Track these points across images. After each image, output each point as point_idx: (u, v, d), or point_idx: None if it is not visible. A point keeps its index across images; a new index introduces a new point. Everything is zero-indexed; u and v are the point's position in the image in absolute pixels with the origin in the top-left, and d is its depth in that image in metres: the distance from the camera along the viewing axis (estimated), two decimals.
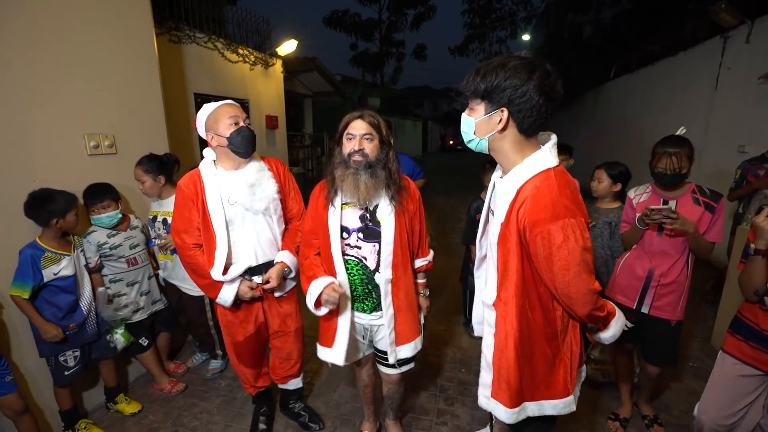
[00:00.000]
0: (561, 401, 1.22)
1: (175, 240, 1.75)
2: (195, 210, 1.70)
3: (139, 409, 2.29)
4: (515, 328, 1.13)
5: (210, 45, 4.57)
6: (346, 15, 15.83)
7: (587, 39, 12.18)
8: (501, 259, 1.13)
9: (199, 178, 1.70)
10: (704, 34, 5.20)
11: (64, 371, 1.98)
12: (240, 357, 1.96)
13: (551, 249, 1.01)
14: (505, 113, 1.05)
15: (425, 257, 1.79)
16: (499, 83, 1.02)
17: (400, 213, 1.57)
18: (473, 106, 1.11)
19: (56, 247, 1.93)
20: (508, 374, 1.17)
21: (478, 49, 17.60)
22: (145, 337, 2.37)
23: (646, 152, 1.92)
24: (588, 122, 10.26)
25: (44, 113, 2.00)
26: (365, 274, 1.60)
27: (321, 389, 2.49)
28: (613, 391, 2.34)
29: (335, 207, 1.55)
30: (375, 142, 1.50)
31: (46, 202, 1.85)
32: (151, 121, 2.63)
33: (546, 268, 1.04)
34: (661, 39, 6.76)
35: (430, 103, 40.36)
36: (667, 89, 6.07)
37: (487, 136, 1.10)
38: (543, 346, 1.18)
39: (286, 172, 1.91)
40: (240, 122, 1.67)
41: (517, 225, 1.06)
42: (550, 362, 1.20)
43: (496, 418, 1.31)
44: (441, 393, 2.44)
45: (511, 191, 1.08)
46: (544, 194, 1.02)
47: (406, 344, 1.68)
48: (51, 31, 2.01)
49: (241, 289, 1.76)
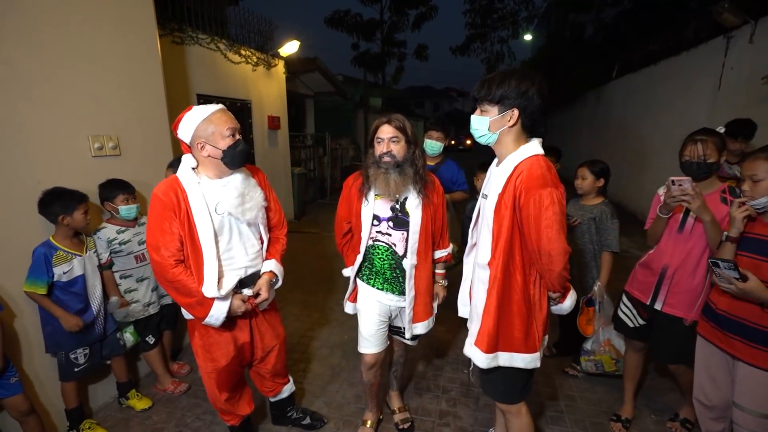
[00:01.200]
0: (530, 355, 1.44)
1: (153, 257, 1.53)
2: (177, 221, 1.53)
3: (150, 405, 2.33)
4: (500, 282, 1.37)
5: (213, 46, 4.59)
6: (348, 15, 15.82)
7: (589, 39, 12.18)
8: (496, 224, 1.38)
9: (180, 186, 1.54)
10: (707, 34, 5.19)
11: (74, 367, 2.03)
12: (221, 385, 1.77)
13: (540, 209, 1.26)
14: (516, 112, 1.33)
15: (445, 248, 1.95)
16: (511, 89, 1.31)
17: (427, 205, 1.76)
18: (486, 108, 1.38)
19: (68, 246, 1.97)
20: (488, 323, 1.41)
21: (480, 49, 17.58)
22: (152, 335, 2.39)
23: (647, 152, 1.92)
24: (589, 122, 10.25)
25: (49, 115, 2.01)
26: (394, 260, 1.81)
27: (323, 390, 2.49)
28: (612, 390, 2.35)
29: (368, 201, 1.77)
30: (402, 143, 1.69)
31: (55, 199, 1.89)
32: (155, 122, 2.63)
33: (534, 226, 1.28)
34: (664, 39, 6.75)
35: (431, 103, 40.36)
36: (669, 89, 6.05)
37: (499, 131, 1.38)
38: (521, 305, 1.40)
39: (266, 180, 1.83)
40: (237, 134, 1.56)
41: (514, 191, 1.31)
42: (525, 320, 1.41)
43: (474, 372, 1.59)
44: (443, 394, 2.44)
45: (508, 168, 1.36)
46: (536, 169, 1.31)
47: (421, 323, 1.89)
48: (55, 34, 2.02)
49: (235, 304, 1.62)
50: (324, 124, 10.11)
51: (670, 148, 5.89)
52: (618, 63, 8.58)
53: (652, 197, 1.99)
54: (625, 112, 7.82)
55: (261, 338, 1.85)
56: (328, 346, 3.00)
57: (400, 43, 17.22)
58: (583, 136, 10.63)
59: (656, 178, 6.20)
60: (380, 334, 1.89)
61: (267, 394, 2.05)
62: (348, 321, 3.24)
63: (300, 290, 3.99)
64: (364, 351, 1.90)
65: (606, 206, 2.36)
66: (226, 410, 1.85)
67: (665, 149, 6.04)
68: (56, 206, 1.89)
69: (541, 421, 2.20)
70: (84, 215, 1.97)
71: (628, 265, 2.30)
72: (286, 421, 2.16)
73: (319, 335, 3.16)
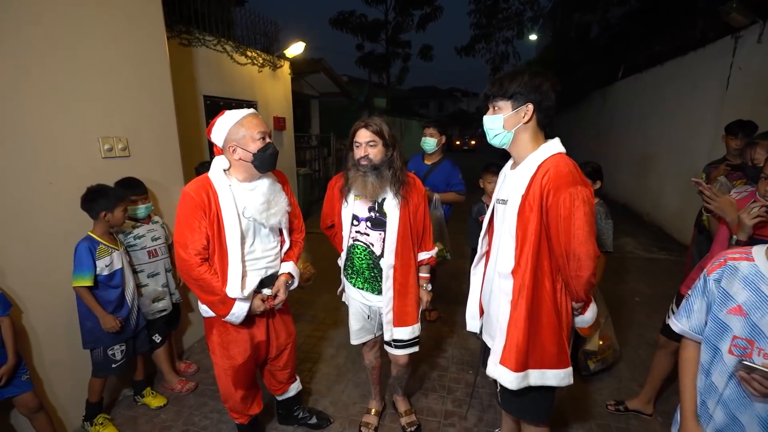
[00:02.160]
0: (563, 371, 1.33)
1: (179, 254, 1.56)
2: (205, 221, 1.56)
3: (164, 402, 2.36)
4: (529, 291, 1.27)
5: (219, 48, 4.61)
6: (353, 16, 15.84)
7: (594, 39, 12.10)
8: (520, 228, 1.28)
9: (212, 187, 1.58)
10: (715, 33, 5.14)
11: (111, 364, 2.09)
12: (237, 383, 1.80)
13: (572, 209, 1.18)
14: (531, 107, 1.28)
15: (428, 251, 1.91)
16: (525, 84, 1.26)
17: (404, 206, 1.75)
18: (499, 106, 1.32)
19: (108, 241, 2.04)
20: (517, 337, 1.28)
21: (485, 49, 17.52)
22: (159, 333, 2.41)
23: (653, 153, 1.91)
24: (595, 122, 10.20)
25: (60, 117, 2.04)
26: (371, 260, 1.82)
27: (329, 389, 2.51)
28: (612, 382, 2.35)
29: (348, 202, 1.79)
30: (379, 146, 1.69)
31: (99, 196, 1.96)
32: (163, 123, 2.66)
33: (564, 228, 1.20)
34: (670, 39, 6.70)
35: (435, 104, 40.30)
36: (676, 90, 6.01)
37: (514, 129, 1.31)
38: (551, 315, 1.30)
39: (288, 184, 1.88)
40: (267, 138, 1.59)
41: (540, 191, 1.23)
42: (556, 331, 1.31)
43: (500, 392, 1.47)
44: (449, 395, 2.45)
45: (530, 168, 1.28)
46: (563, 166, 1.23)
47: (403, 327, 1.84)
48: (66, 38, 2.05)
49: (255, 303, 1.68)
50: (329, 124, 10.14)
51: (676, 148, 5.86)
52: (624, 63, 8.53)
53: (658, 198, 1.98)
54: (631, 113, 7.77)
55: (276, 336, 1.90)
56: (333, 346, 3.02)
57: (405, 43, 17.20)
58: (588, 136, 10.58)
59: (662, 179, 6.17)
60: (368, 327, 1.96)
61: (275, 392, 2.08)
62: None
63: (305, 290, 4.00)
64: (354, 342, 1.99)
65: (600, 206, 2.35)
66: (237, 408, 1.87)
67: (671, 150, 6.00)
68: (100, 202, 1.96)
69: None
70: (123, 213, 2.04)
71: (633, 265, 2.30)
72: (292, 421, 2.18)
73: (324, 335, 3.17)
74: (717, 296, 1.03)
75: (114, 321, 2.01)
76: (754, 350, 0.96)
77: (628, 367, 2.65)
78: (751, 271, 0.99)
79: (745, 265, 1.00)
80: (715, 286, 1.04)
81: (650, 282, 4.15)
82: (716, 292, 1.03)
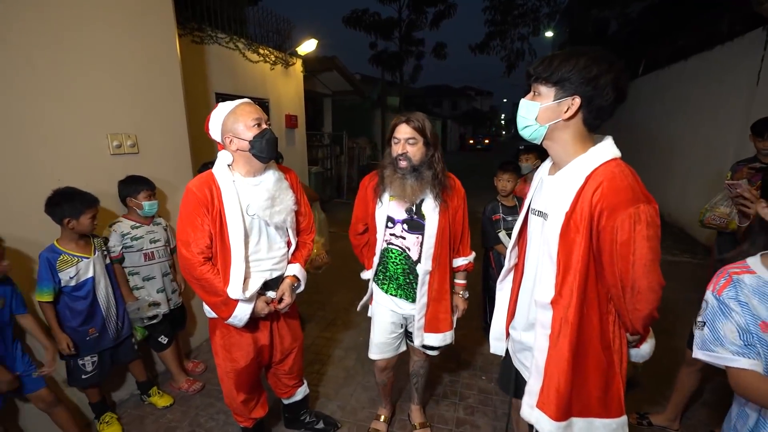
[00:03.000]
0: (615, 421, 1.11)
1: (182, 253, 1.51)
2: (208, 218, 1.50)
3: (171, 402, 2.33)
4: (573, 328, 1.06)
5: (231, 45, 4.60)
6: (366, 14, 15.77)
7: (613, 34, 11.79)
8: (563, 252, 1.06)
9: (215, 183, 1.53)
10: (743, 26, 4.91)
11: (81, 374, 1.99)
12: (240, 386, 1.76)
13: (633, 234, 0.96)
14: (577, 101, 1.03)
15: (466, 257, 1.83)
16: (578, 70, 1.00)
17: (444, 209, 1.66)
18: (540, 91, 1.08)
19: (74, 249, 1.91)
20: (559, 380, 1.08)
21: (499, 47, 17.24)
22: (165, 335, 2.38)
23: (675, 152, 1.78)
24: (613, 120, 9.86)
25: (69, 114, 2.03)
26: (408, 265, 1.72)
27: (337, 393, 2.45)
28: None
29: (382, 202, 1.69)
30: (419, 145, 1.58)
31: (63, 200, 1.82)
32: (173, 120, 2.64)
33: (621, 255, 0.99)
34: (695, 33, 6.44)
35: (449, 102, 39.99)
36: (701, 85, 5.77)
37: (548, 124, 1.07)
38: (598, 354, 1.09)
39: (298, 183, 1.81)
40: (263, 124, 1.52)
41: (590, 211, 1.01)
42: (605, 373, 1.10)
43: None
44: (461, 402, 2.36)
45: (576, 178, 1.04)
46: (621, 178, 0.99)
47: (434, 333, 1.76)
48: (75, 34, 2.03)
49: (258, 306, 1.60)
50: (342, 123, 10.10)
51: (700, 147, 5.63)
52: (644, 59, 8.26)
53: (681, 198, 1.87)
54: (652, 110, 7.52)
55: (281, 341, 1.83)
56: (343, 348, 2.96)
57: (419, 41, 17.06)
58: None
59: (685, 179, 5.93)
60: (391, 341, 1.84)
61: (281, 396, 2.02)
62: (363, 323, 3.19)
63: (315, 291, 3.96)
64: (373, 357, 1.88)
65: None
66: (239, 411, 1.83)
67: (695, 148, 5.77)
68: (64, 208, 1.81)
69: None
70: (91, 220, 1.89)
71: None
72: (299, 425, 2.12)
73: (334, 337, 3.12)
74: (742, 313, 0.91)
75: (65, 343, 1.86)
76: None
77: (651, 377, 2.52)
78: (759, 283, 0.90)
79: (748, 278, 0.91)
80: (736, 303, 0.92)
81: (674, 286, 3.96)
82: (740, 309, 0.91)
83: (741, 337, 0.91)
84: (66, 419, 1.92)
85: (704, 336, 0.97)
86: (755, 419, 0.97)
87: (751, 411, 0.98)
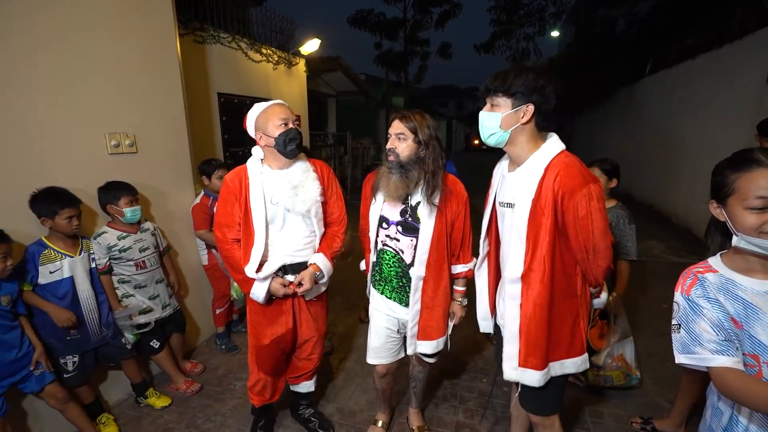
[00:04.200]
0: (579, 358, 1.38)
1: (216, 233, 1.78)
2: (237, 205, 1.71)
3: (169, 402, 2.31)
4: (545, 292, 1.28)
5: (234, 45, 4.60)
6: (371, 14, 15.76)
7: (620, 34, 11.66)
8: (531, 233, 1.28)
9: (245, 174, 1.72)
10: (754, 24, 4.81)
11: (63, 374, 1.95)
12: (260, 363, 1.90)
13: (589, 208, 1.20)
14: (531, 108, 1.24)
15: (466, 263, 1.75)
16: (528, 82, 1.22)
17: (441, 214, 1.61)
18: (498, 102, 1.28)
19: (61, 247, 1.91)
20: (537, 338, 1.31)
21: (505, 47, 17.13)
22: (156, 339, 2.33)
23: (683, 152, 1.73)
24: (620, 121, 9.79)
25: (66, 112, 2.02)
26: (401, 268, 1.70)
27: (336, 395, 2.42)
28: (643, 407, 2.17)
29: (376, 200, 1.69)
30: (408, 141, 1.56)
31: (40, 198, 1.82)
32: (173, 120, 2.63)
33: (583, 226, 1.22)
34: (704, 31, 6.34)
35: (454, 103, 39.84)
36: (710, 84, 5.67)
37: (510, 129, 1.28)
38: (563, 308, 1.33)
39: (330, 175, 1.88)
40: (289, 123, 1.67)
41: (553, 195, 1.23)
42: (570, 322, 1.35)
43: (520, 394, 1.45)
44: (461, 404, 2.32)
45: (536, 170, 1.27)
46: (572, 166, 1.24)
47: (428, 341, 1.73)
48: (74, 33, 2.03)
49: (273, 286, 1.74)
50: (346, 123, 10.10)
51: (709, 147, 5.53)
52: (652, 58, 8.15)
53: (688, 199, 1.82)
54: (660, 110, 7.41)
55: (300, 326, 1.91)
56: (343, 350, 2.93)
57: (424, 41, 16.99)
58: (614, 135, 10.17)
59: (694, 179, 5.83)
60: (389, 346, 1.80)
61: (289, 380, 2.07)
62: (363, 324, 3.16)
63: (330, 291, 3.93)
64: (371, 362, 1.84)
65: (622, 209, 2.15)
66: (254, 388, 1.96)
67: (704, 148, 5.67)
68: (39, 206, 1.82)
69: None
70: (68, 221, 1.85)
71: (660, 270, 2.12)
72: (296, 416, 2.16)
73: (335, 337, 3.09)
74: (713, 309, 0.92)
75: (68, 313, 1.87)
76: (762, 366, 0.85)
77: (655, 381, 2.46)
78: (721, 280, 0.93)
79: (711, 276, 0.95)
80: (705, 301, 0.93)
81: None
82: (710, 306, 0.92)
83: (716, 332, 0.90)
84: (78, 415, 1.96)
85: (682, 338, 0.97)
86: (728, 416, 0.96)
87: (725, 407, 0.98)
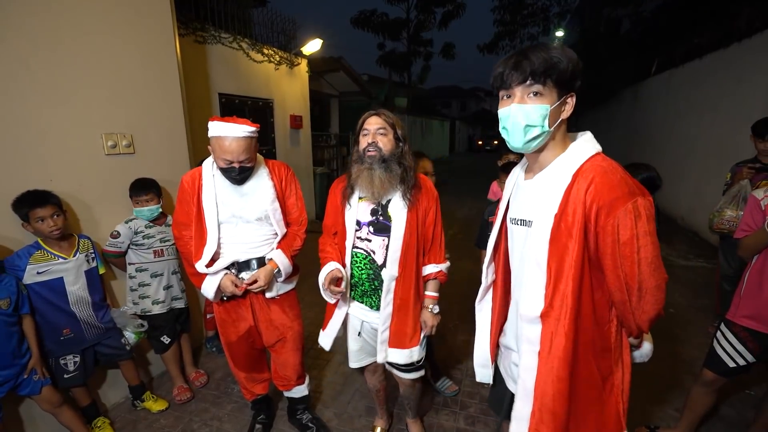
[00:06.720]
0: None
1: (174, 231, 1.82)
2: (192, 205, 1.74)
3: (166, 406, 2.29)
4: (568, 341, 0.95)
5: (235, 45, 4.58)
6: (374, 15, 15.76)
7: (625, 33, 11.57)
8: (554, 259, 0.96)
9: (200, 175, 1.74)
10: (762, 22, 4.74)
11: (63, 374, 1.94)
12: (234, 360, 1.95)
13: (636, 230, 0.87)
14: (574, 99, 0.96)
15: (438, 263, 1.64)
16: (574, 65, 0.92)
17: (413, 210, 1.55)
18: (540, 91, 0.93)
19: (55, 249, 1.89)
20: (554, 402, 0.97)
21: (509, 47, 17.14)
22: (167, 335, 2.34)
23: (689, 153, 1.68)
24: (625, 122, 9.71)
25: (62, 113, 2.00)
26: (372, 269, 1.60)
27: (334, 399, 2.38)
28: None
29: (351, 205, 1.59)
30: (389, 136, 1.52)
31: (14, 204, 1.78)
32: (171, 121, 2.60)
33: (626, 255, 0.88)
34: (711, 31, 6.26)
35: (458, 103, 39.79)
36: (717, 84, 5.59)
37: (553, 127, 0.95)
38: (590, 364, 0.98)
39: (288, 177, 1.88)
40: (235, 164, 1.63)
41: (584, 210, 0.91)
42: (598, 385, 1.00)
43: None
44: (461, 411, 2.27)
45: (563, 179, 0.95)
46: (612, 173, 0.91)
47: (399, 349, 1.62)
48: (69, 32, 2.00)
49: (223, 282, 1.73)
50: (349, 123, 10.06)
51: (716, 148, 5.45)
52: (658, 58, 8.06)
53: (695, 201, 1.76)
54: (666, 111, 7.32)
55: (267, 324, 1.91)
56: (342, 353, 2.88)
57: (427, 42, 16.99)
58: (618, 136, 10.08)
59: (700, 181, 5.75)
60: (368, 349, 1.75)
61: (279, 388, 2.05)
62: None
63: (316, 293, 3.90)
64: (353, 366, 1.79)
65: None
66: (243, 385, 2.02)
67: (710, 149, 5.58)
68: (16, 212, 1.79)
69: None
70: (41, 222, 1.78)
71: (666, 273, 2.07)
72: (295, 422, 2.13)
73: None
74: None
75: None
76: None
77: (661, 387, 2.40)
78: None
79: None
80: None
81: (686, 292, 3.84)
82: None
83: None
84: (71, 418, 1.94)
85: None
86: None
87: None
